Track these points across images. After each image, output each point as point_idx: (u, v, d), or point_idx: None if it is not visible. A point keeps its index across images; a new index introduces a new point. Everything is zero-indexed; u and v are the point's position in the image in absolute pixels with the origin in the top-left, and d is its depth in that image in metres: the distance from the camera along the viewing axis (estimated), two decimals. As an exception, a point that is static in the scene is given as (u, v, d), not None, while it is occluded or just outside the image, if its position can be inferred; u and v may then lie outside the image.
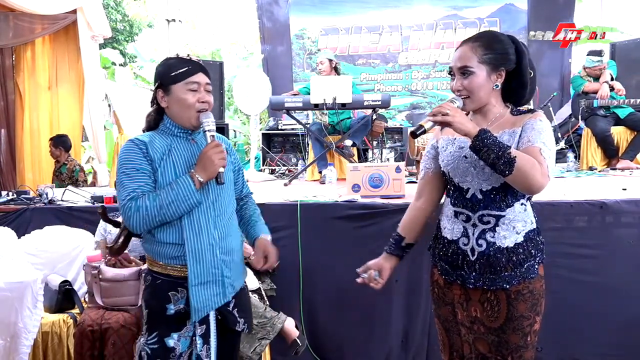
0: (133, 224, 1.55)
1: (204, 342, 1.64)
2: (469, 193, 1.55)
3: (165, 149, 1.61)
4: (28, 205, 3.29)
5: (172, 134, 1.65)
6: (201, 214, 1.61)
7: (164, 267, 1.63)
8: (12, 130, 4.94)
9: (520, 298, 1.52)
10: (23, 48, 4.97)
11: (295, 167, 5.81)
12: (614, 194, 2.89)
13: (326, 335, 2.92)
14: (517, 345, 1.52)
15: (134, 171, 1.57)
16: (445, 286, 1.62)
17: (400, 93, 7.40)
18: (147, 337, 1.63)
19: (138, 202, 1.53)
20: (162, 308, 1.61)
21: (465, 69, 1.51)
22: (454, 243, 1.58)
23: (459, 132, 1.45)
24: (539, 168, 1.41)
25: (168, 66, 1.64)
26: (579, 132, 5.51)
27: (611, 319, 2.66)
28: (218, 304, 1.63)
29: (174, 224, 1.59)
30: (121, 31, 12.48)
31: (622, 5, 8.19)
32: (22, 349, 2.35)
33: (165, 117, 1.66)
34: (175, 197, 1.53)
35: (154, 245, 1.63)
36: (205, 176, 1.57)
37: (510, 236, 1.52)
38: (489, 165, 1.43)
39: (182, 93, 1.60)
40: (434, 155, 1.69)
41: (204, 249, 1.60)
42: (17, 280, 2.38)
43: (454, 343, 1.63)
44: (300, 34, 7.56)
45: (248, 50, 11.77)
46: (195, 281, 1.58)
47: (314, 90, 4.36)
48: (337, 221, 2.92)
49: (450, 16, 7.27)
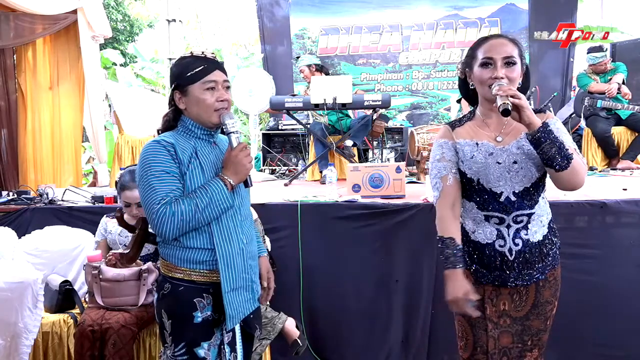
0: (166, 229, 1.47)
1: (232, 350, 1.59)
2: (502, 197, 1.56)
3: (192, 152, 1.55)
4: (28, 205, 3.29)
5: (194, 135, 1.59)
6: (229, 218, 1.56)
7: (188, 274, 1.55)
8: (14, 130, 4.94)
9: (547, 285, 1.60)
10: (24, 48, 4.97)
11: (296, 167, 5.81)
12: (614, 194, 2.89)
13: (326, 335, 2.92)
14: (538, 329, 1.59)
15: (165, 174, 1.49)
16: (475, 283, 1.63)
17: (401, 93, 7.39)
18: (174, 349, 1.55)
19: (173, 207, 1.46)
20: (189, 316, 1.53)
21: (512, 58, 1.52)
22: (489, 246, 1.59)
23: (524, 120, 1.42)
24: (584, 166, 1.48)
25: (183, 66, 1.58)
26: (579, 132, 5.51)
27: (611, 319, 2.66)
28: (249, 310, 1.59)
29: (203, 228, 1.53)
30: (122, 31, 12.49)
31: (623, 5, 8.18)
32: (22, 349, 2.35)
33: (184, 117, 1.60)
34: (209, 201, 1.48)
35: (178, 251, 1.55)
36: (237, 179, 1.54)
37: (540, 230, 1.58)
38: (546, 159, 1.43)
39: (200, 93, 1.55)
40: (455, 159, 1.62)
41: (234, 254, 1.55)
42: (17, 280, 2.38)
43: (479, 339, 1.63)
44: (300, 34, 7.55)
45: (248, 51, 11.77)
46: (228, 287, 1.52)
47: (314, 90, 4.36)
48: (337, 221, 2.92)
49: (451, 16, 7.26)
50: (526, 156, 1.52)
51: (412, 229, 2.78)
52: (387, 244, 2.86)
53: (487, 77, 1.52)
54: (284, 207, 3.00)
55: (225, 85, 1.59)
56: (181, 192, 1.51)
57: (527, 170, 1.53)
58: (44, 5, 4.72)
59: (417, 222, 2.77)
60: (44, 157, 5.11)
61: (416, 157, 4.31)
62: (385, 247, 2.86)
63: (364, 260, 2.89)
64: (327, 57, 7.46)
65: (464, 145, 1.60)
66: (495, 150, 1.55)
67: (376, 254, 2.88)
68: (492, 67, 1.52)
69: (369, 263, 2.87)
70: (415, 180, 4.25)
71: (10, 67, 4.91)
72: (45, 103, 5.09)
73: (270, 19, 7.58)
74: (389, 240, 2.86)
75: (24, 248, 2.80)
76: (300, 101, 4.48)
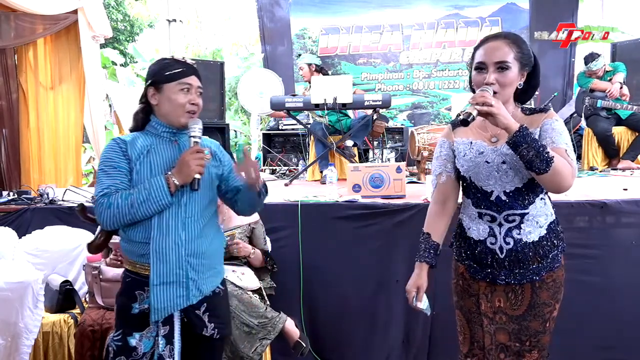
0: (104, 220, 1.58)
1: (167, 343, 1.62)
2: (492, 195, 1.58)
3: (145, 149, 1.63)
4: (29, 205, 3.29)
5: (156, 133, 1.67)
6: (170, 214, 1.61)
7: (134, 265, 1.65)
8: (15, 130, 4.94)
9: (544, 286, 1.58)
10: (25, 48, 4.97)
11: (296, 167, 5.80)
12: (614, 194, 2.89)
13: (326, 335, 2.92)
14: (536, 330, 1.58)
15: (111, 169, 1.60)
16: (471, 278, 1.66)
17: (402, 92, 7.39)
18: (114, 333, 1.66)
19: (110, 199, 1.56)
20: (128, 306, 1.63)
21: (504, 63, 1.51)
22: (481, 243, 1.61)
23: (500, 125, 1.42)
24: (569, 169, 1.46)
25: (162, 65, 1.67)
26: (580, 132, 5.51)
27: (612, 319, 2.65)
28: (180, 305, 1.61)
29: (143, 222, 1.60)
30: (122, 31, 12.48)
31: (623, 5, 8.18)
32: (23, 349, 2.36)
33: (152, 117, 1.68)
34: (147, 196, 1.55)
35: (126, 244, 1.66)
36: (181, 180, 1.58)
37: (535, 230, 1.57)
38: (525, 162, 1.43)
39: (174, 93, 1.63)
40: (452, 158, 1.68)
41: (168, 249, 1.59)
42: (17, 280, 2.38)
43: (475, 334, 1.67)
44: (301, 34, 7.56)
45: (249, 51, 11.77)
46: (157, 281, 1.58)
47: (314, 90, 4.36)
48: (337, 221, 2.92)
49: (451, 15, 7.26)
50: (515, 158, 1.50)
51: (412, 229, 2.77)
52: (388, 244, 2.86)
53: (480, 82, 1.53)
54: (284, 207, 3.00)
55: (198, 90, 1.67)
56: (126, 186, 1.60)
57: (516, 171, 1.53)
58: (44, 6, 4.72)
59: (417, 222, 2.75)
60: (44, 157, 5.10)
61: (417, 157, 4.30)
62: (385, 247, 2.86)
63: (364, 260, 2.89)
64: (328, 56, 7.46)
65: (459, 144, 1.64)
66: (486, 150, 1.58)
67: (376, 254, 2.87)
68: (485, 72, 1.52)
69: (369, 263, 2.87)
70: (415, 180, 4.25)
71: (11, 67, 4.91)
72: (46, 103, 5.09)
73: (271, 19, 7.58)
74: (389, 240, 2.86)
75: (24, 248, 2.81)
76: (301, 101, 4.48)
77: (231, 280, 2.39)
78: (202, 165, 1.59)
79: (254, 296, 2.41)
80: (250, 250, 2.53)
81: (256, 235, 2.62)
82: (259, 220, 2.66)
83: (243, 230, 2.58)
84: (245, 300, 2.34)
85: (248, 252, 2.52)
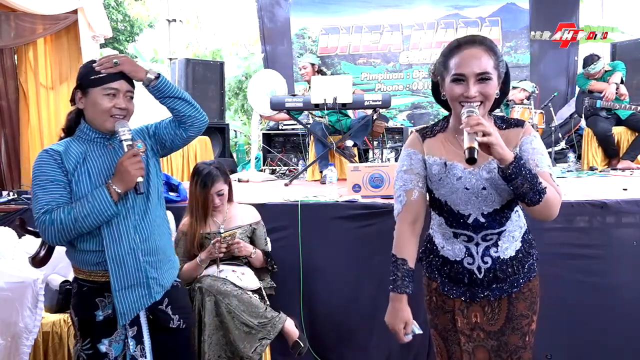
0: (48, 237, 1.54)
1: (137, 343, 1.63)
2: (470, 218, 1.49)
3: (80, 157, 1.59)
4: (29, 205, 3.29)
5: (88, 139, 1.63)
6: (120, 220, 1.59)
7: (88, 274, 1.63)
8: (15, 130, 4.94)
9: (521, 297, 1.53)
10: (25, 48, 4.97)
11: (296, 167, 5.80)
12: (614, 194, 2.89)
13: (326, 335, 2.92)
14: (516, 346, 1.52)
15: (48, 183, 1.54)
16: (443, 295, 1.59)
17: (401, 93, 7.39)
18: (82, 343, 1.64)
19: (52, 215, 1.50)
20: (91, 315, 1.62)
21: (486, 74, 1.38)
22: (458, 263, 1.53)
23: (494, 155, 1.30)
24: (558, 198, 1.40)
25: (89, 69, 1.61)
26: (579, 132, 5.52)
27: (612, 319, 2.65)
28: (145, 305, 1.63)
29: (94, 232, 1.57)
30: (122, 31, 12.48)
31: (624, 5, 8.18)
32: (23, 349, 2.35)
33: (82, 121, 1.64)
34: (91, 209, 1.51)
35: (76, 254, 1.62)
36: (124, 187, 1.55)
37: (511, 245, 1.52)
38: (518, 194, 1.34)
39: (98, 98, 1.58)
40: (424, 172, 1.53)
41: (124, 255, 1.58)
42: (18, 280, 2.38)
43: (453, 354, 1.59)
44: (301, 34, 7.56)
45: (249, 50, 11.78)
46: (118, 286, 1.58)
47: (314, 90, 4.36)
48: (337, 221, 2.92)
49: (451, 15, 7.26)
50: (495, 182, 1.42)
51: (412, 229, 2.77)
52: (388, 244, 2.83)
53: (459, 94, 1.39)
54: (284, 207, 3.00)
55: (128, 95, 1.62)
56: (67, 199, 1.55)
57: (496, 195, 1.45)
58: (44, 5, 4.73)
59: (417, 222, 2.76)
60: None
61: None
62: (385, 247, 2.83)
63: (364, 260, 2.89)
64: (328, 56, 7.46)
65: (432, 164, 1.51)
66: (464, 174, 1.46)
67: (376, 254, 2.87)
68: (465, 84, 1.38)
69: (369, 263, 2.87)
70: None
71: (11, 67, 4.91)
72: (46, 103, 5.09)
73: (271, 19, 7.58)
74: (389, 240, 2.84)
75: (24, 248, 2.80)
76: (301, 101, 4.48)
77: (231, 280, 2.39)
78: (141, 168, 1.55)
79: (254, 296, 2.41)
80: (251, 250, 2.53)
81: (257, 236, 2.62)
82: (260, 221, 2.66)
83: (244, 231, 2.58)
84: (245, 300, 2.34)
85: (249, 253, 2.52)
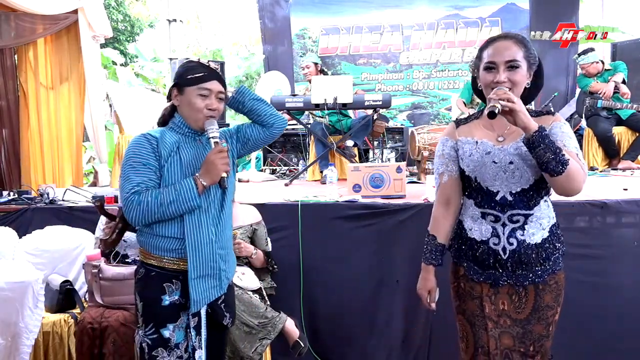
0: (133, 217, 1.60)
1: (197, 334, 1.69)
2: (498, 195, 1.57)
3: (174, 146, 1.67)
4: (29, 205, 3.29)
5: (181, 132, 1.72)
6: (202, 212, 1.66)
7: (160, 260, 1.67)
8: (15, 130, 4.94)
9: (548, 289, 1.59)
10: (25, 48, 4.97)
11: (296, 167, 5.80)
12: (615, 194, 2.89)
13: (326, 335, 2.92)
14: (540, 335, 1.59)
15: (141, 165, 1.62)
16: (470, 280, 1.65)
17: (402, 93, 7.39)
18: (145, 329, 1.67)
19: (140, 197, 1.58)
20: (157, 299, 1.66)
21: (515, 61, 1.51)
22: (484, 243, 1.60)
23: (518, 123, 1.42)
24: (582, 173, 1.46)
25: (186, 68, 1.72)
26: (580, 132, 5.51)
27: (612, 319, 2.65)
28: (215, 295, 1.69)
29: (175, 219, 1.63)
30: (122, 31, 12.49)
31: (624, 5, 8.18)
32: (23, 349, 2.35)
33: (176, 115, 1.74)
34: (176, 197, 1.59)
35: (151, 239, 1.67)
36: (209, 181, 1.63)
37: (538, 232, 1.57)
38: (541, 163, 1.43)
39: (193, 97, 1.67)
40: (455, 157, 1.66)
41: (203, 245, 1.65)
42: (18, 280, 2.38)
43: (480, 338, 1.62)
44: (301, 34, 7.55)
45: (249, 50, 11.78)
46: (194, 274, 1.63)
47: (314, 90, 4.36)
48: (337, 221, 2.92)
49: (451, 16, 7.26)
50: (523, 158, 1.52)
51: (412, 229, 2.77)
52: (388, 244, 2.86)
53: (490, 81, 1.53)
54: (284, 207, 3.00)
55: (219, 95, 1.71)
56: (155, 183, 1.63)
57: (524, 171, 1.53)
58: (44, 5, 4.73)
59: (417, 222, 2.76)
60: (44, 157, 5.11)
61: (417, 157, 4.30)
62: (385, 247, 2.86)
63: (364, 260, 2.89)
64: (328, 56, 7.46)
65: (464, 143, 1.63)
66: (493, 150, 1.57)
67: (376, 254, 2.88)
68: (495, 71, 1.53)
69: (369, 263, 2.87)
70: (415, 180, 4.25)
71: (11, 67, 4.92)
72: (46, 103, 5.09)
73: (271, 19, 7.58)
74: (389, 240, 2.86)
75: (24, 248, 2.81)
76: (301, 101, 4.48)
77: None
78: (227, 164, 1.64)
79: (254, 296, 2.41)
80: (252, 250, 2.53)
81: (258, 236, 2.62)
82: (261, 221, 2.66)
83: (245, 231, 2.58)
84: (245, 300, 2.34)
85: (250, 253, 2.52)
